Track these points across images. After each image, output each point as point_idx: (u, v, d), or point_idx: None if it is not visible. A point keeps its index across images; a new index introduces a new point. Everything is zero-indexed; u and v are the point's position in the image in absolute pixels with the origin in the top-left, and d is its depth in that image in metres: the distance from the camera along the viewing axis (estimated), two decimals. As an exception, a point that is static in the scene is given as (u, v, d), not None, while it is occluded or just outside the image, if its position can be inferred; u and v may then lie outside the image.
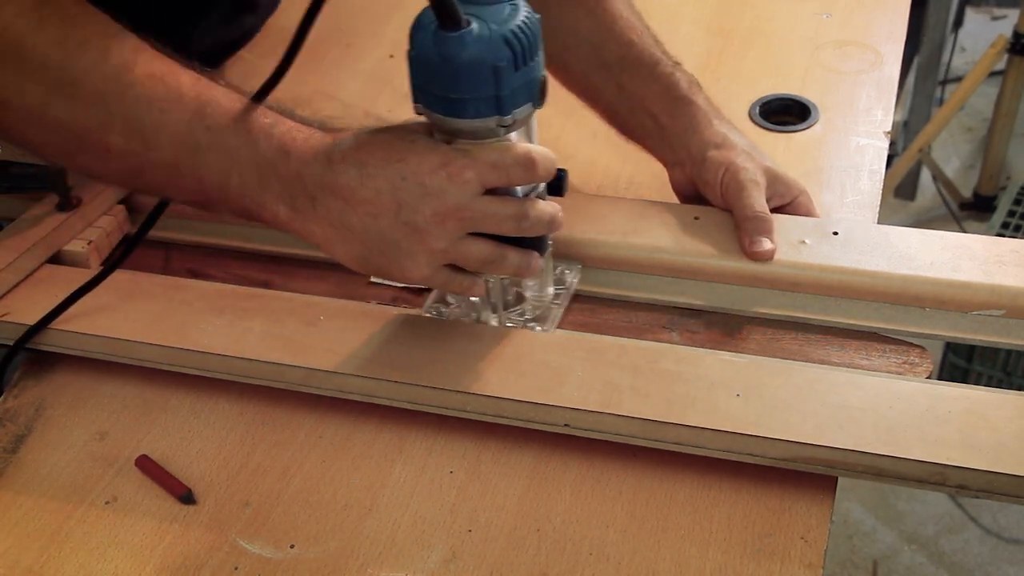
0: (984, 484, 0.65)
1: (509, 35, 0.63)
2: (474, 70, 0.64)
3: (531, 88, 0.67)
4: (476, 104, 0.65)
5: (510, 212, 0.68)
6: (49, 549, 0.69)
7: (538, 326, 0.78)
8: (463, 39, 0.63)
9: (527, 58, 0.65)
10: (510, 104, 0.66)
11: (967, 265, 0.77)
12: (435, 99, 0.66)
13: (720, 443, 0.68)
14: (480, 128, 0.67)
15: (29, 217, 0.88)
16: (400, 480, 0.72)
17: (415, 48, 0.65)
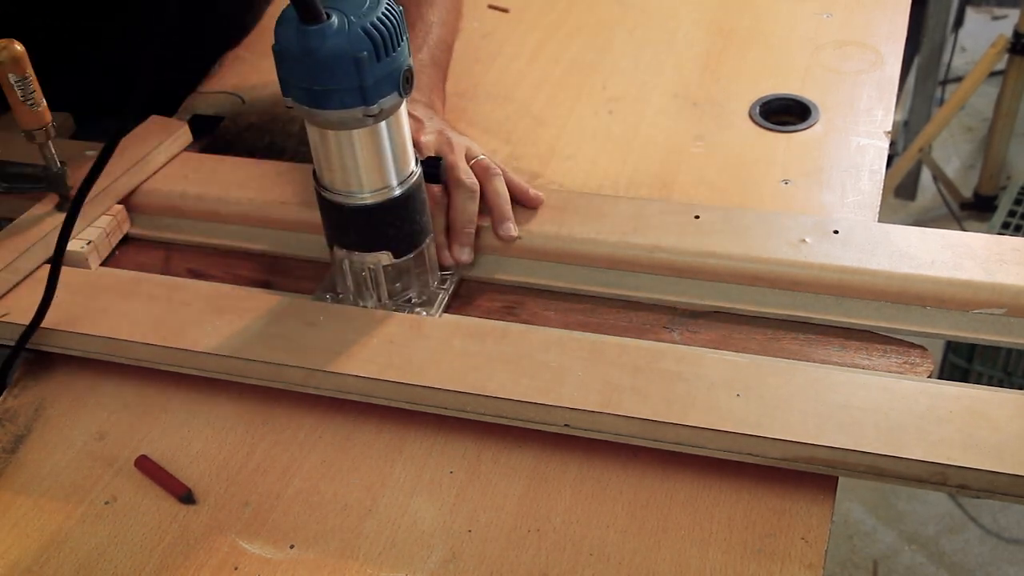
0: (985, 484, 0.64)
1: (369, 26, 0.65)
2: (336, 62, 0.65)
3: (395, 78, 0.68)
4: (340, 95, 0.67)
5: None
6: (49, 549, 0.69)
7: (423, 311, 0.79)
8: (323, 32, 0.64)
9: (389, 49, 0.66)
10: (375, 94, 0.67)
11: (968, 264, 0.77)
12: (301, 92, 0.68)
13: (720, 443, 0.68)
14: (347, 118, 0.68)
15: (29, 217, 0.88)
16: (400, 480, 0.72)
17: (279, 42, 0.67)
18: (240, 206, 0.90)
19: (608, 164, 0.97)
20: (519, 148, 1.01)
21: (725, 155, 0.97)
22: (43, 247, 0.86)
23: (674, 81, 1.09)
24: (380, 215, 0.75)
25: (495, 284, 0.84)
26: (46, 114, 0.83)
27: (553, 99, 1.07)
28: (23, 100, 0.81)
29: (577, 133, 1.01)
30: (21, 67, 0.80)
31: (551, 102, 1.07)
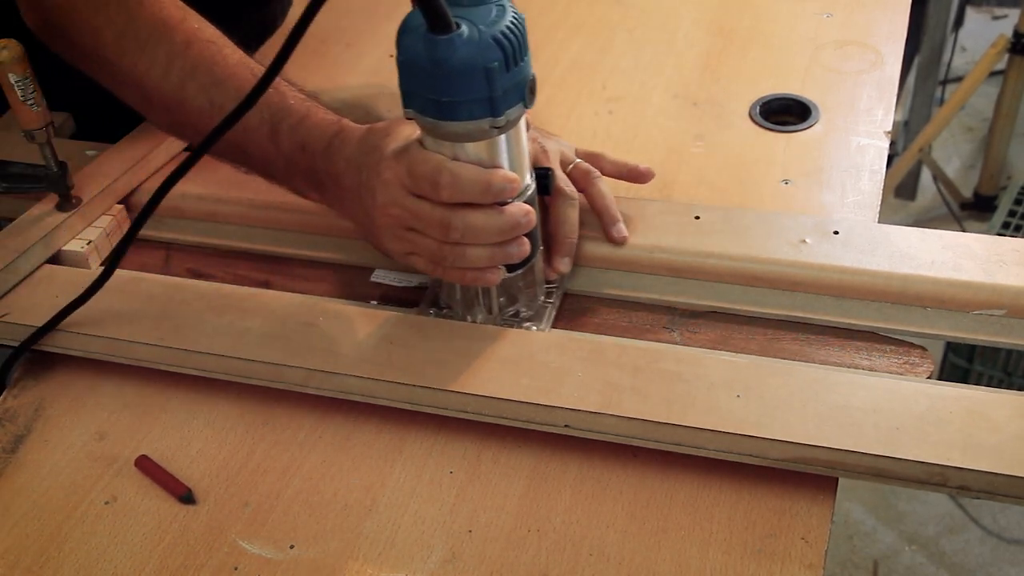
0: (985, 485, 0.64)
1: (499, 36, 0.63)
2: (466, 73, 0.63)
3: (521, 88, 0.67)
4: (469, 107, 0.65)
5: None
6: (49, 549, 0.69)
7: (533, 326, 0.78)
8: (453, 42, 0.63)
9: (517, 58, 0.65)
10: (503, 105, 0.66)
11: (968, 264, 0.77)
12: (427, 103, 0.66)
13: (720, 444, 0.68)
14: (473, 130, 0.67)
15: (29, 217, 0.88)
16: (400, 480, 0.72)
17: (404, 53, 0.65)
18: (240, 206, 0.90)
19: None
20: (519, 148, 1.00)
21: (725, 155, 0.97)
22: (43, 247, 0.86)
23: (674, 81, 1.09)
24: None
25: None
26: (46, 114, 0.83)
27: (553, 99, 1.07)
28: (23, 100, 0.81)
29: (577, 133, 1.01)
30: (21, 67, 0.80)
31: (551, 102, 1.07)
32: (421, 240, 0.72)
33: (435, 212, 0.70)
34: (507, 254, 0.72)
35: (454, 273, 0.73)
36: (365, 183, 0.73)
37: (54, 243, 0.87)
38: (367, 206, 0.73)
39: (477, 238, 0.70)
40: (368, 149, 0.73)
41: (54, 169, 0.87)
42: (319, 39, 1.17)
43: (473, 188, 0.68)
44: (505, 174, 0.69)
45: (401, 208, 0.71)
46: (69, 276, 0.85)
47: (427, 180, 0.69)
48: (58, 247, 0.87)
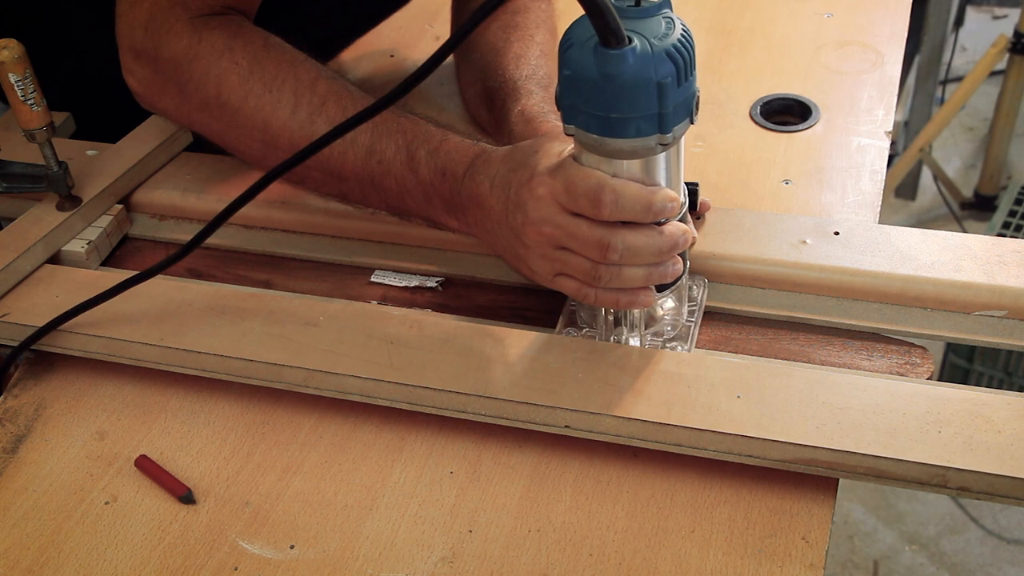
0: (985, 486, 0.64)
1: (672, 50, 0.61)
2: (639, 88, 0.61)
3: (689, 104, 0.64)
4: (638, 123, 0.62)
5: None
6: (49, 549, 0.69)
7: (678, 345, 0.76)
8: (626, 56, 0.60)
9: (688, 73, 0.62)
10: (672, 121, 0.63)
11: (968, 265, 0.77)
12: (592, 119, 0.63)
13: (720, 445, 0.68)
14: (639, 147, 0.64)
15: (29, 217, 0.88)
16: (400, 480, 0.72)
17: (571, 67, 0.62)
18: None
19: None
20: (519, 148, 1.00)
21: (725, 155, 0.97)
22: (43, 247, 0.86)
23: (675, 81, 1.08)
24: None
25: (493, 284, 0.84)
26: (46, 114, 0.83)
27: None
28: (23, 100, 0.81)
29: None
30: (21, 67, 0.80)
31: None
32: (574, 260, 0.69)
33: (594, 231, 0.67)
34: (663, 274, 0.69)
35: (607, 295, 0.70)
36: (514, 200, 0.70)
37: (54, 243, 0.87)
38: (515, 225, 0.70)
39: (636, 259, 0.67)
40: (515, 166, 0.71)
41: (54, 169, 0.87)
42: (319, 39, 1.17)
43: (635, 207, 0.66)
44: (667, 193, 0.67)
45: (555, 226, 0.68)
46: (69, 276, 0.85)
47: (587, 198, 0.66)
48: (58, 247, 0.87)
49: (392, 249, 0.86)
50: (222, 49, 0.80)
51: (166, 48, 0.80)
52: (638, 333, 0.75)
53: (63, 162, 0.87)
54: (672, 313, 0.77)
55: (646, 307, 0.72)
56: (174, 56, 0.80)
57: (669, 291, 0.72)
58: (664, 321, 0.76)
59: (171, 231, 0.91)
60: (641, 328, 0.75)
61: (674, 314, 0.77)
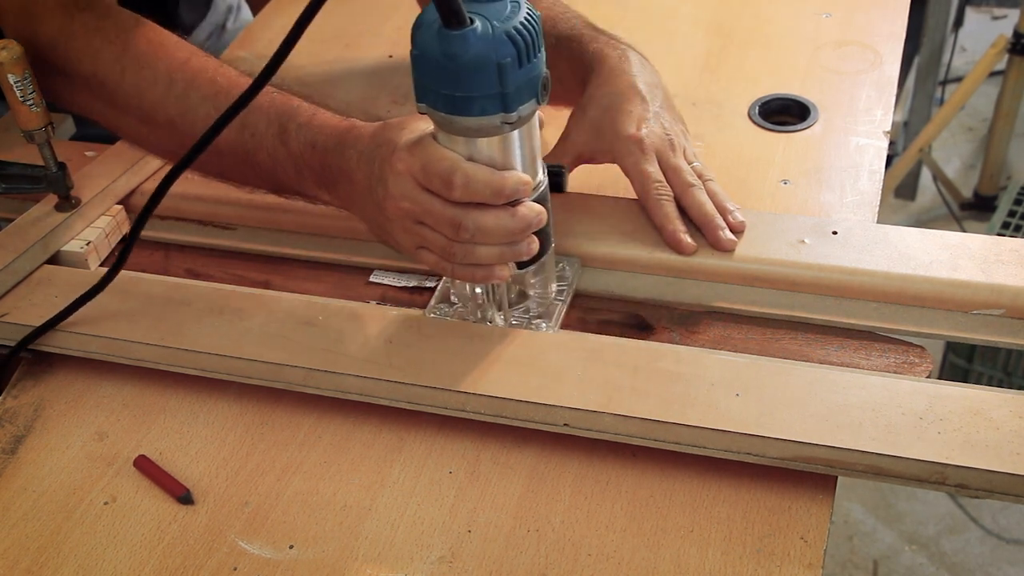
0: (984, 483, 0.64)
1: (513, 32, 0.63)
2: (479, 68, 0.63)
3: (534, 85, 0.67)
4: (481, 102, 0.65)
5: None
6: (48, 549, 0.69)
7: (543, 323, 0.78)
8: (467, 37, 0.63)
9: (531, 55, 0.65)
10: (515, 101, 0.65)
11: (967, 264, 0.77)
12: (439, 98, 0.66)
13: (720, 443, 0.68)
14: (485, 126, 0.67)
15: (28, 218, 0.88)
16: (399, 480, 0.72)
17: (418, 47, 0.65)
18: (239, 207, 0.90)
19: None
20: (518, 148, 1.00)
21: (724, 155, 0.97)
22: (42, 248, 0.86)
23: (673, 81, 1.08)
24: None
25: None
26: (45, 115, 0.83)
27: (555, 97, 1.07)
28: (23, 100, 0.81)
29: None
30: (20, 68, 0.80)
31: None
32: (431, 235, 0.72)
33: (446, 210, 0.69)
34: (517, 252, 0.72)
35: (463, 271, 0.72)
36: (377, 175, 0.73)
37: (53, 244, 0.87)
38: (378, 198, 0.73)
39: (487, 238, 0.70)
40: (381, 142, 0.73)
41: (53, 170, 0.87)
42: (319, 40, 1.17)
43: (485, 190, 0.68)
44: (519, 177, 0.69)
45: (412, 202, 0.71)
46: (68, 276, 0.85)
47: (440, 178, 0.68)
48: (57, 248, 0.87)
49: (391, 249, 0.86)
50: (94, 28, 0.82)
51: (41, 32, 0.83)
52: (504, 311, 0.78)
53: (62, 163, 0.87)
54: (539, 291, 0.79)
55: (502, 281, 0.74)
56: (50, 38, 0.83)
57: (530, 268, 0.75)
58: (531, 299, 0.79)
59: (171, 231, 0.92)
60: (506, 305, 0.78)
61: (541, 292, 0.79)
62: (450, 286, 0.81)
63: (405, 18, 1.21)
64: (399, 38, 1.18)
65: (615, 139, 0.83)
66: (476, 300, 0.78)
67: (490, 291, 0.77)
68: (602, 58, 0.88)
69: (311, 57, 1.14)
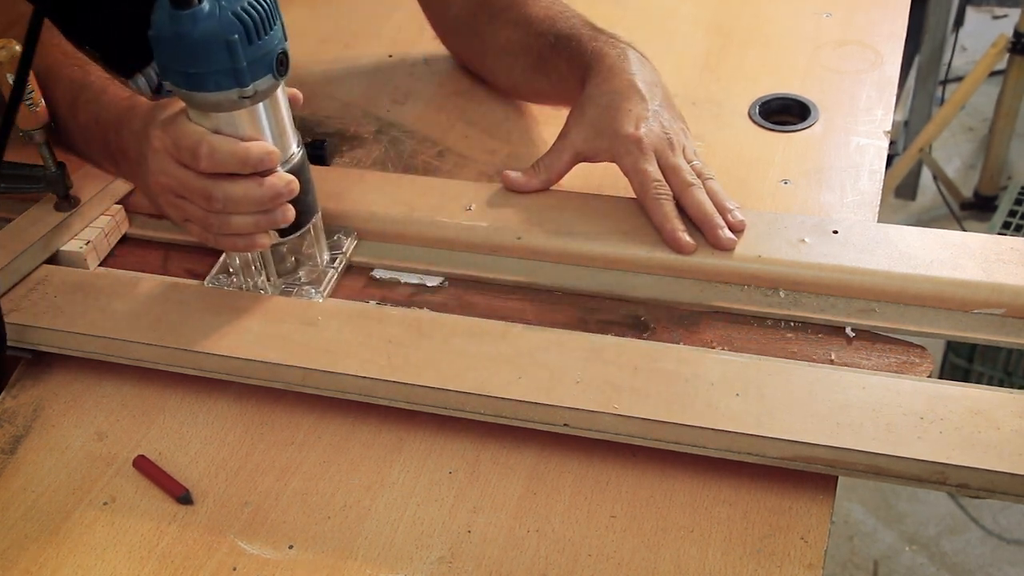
0: (985, 483, 0.64)
1: (240, 11, 0.67)
2: (208, 45, 0.68)
3: (269, 60, 0.70)
4: (215, 77, 0.69)
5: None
6: (47, 550, 0.69)
7: (312, 289, 0.81)
8: (195, 16, 0.67)
9: (261, 32, 0.69)
10: (248, 76, 0.69)
11: (967, 263, 0.77)
12: (177, 75, 0.70)
13: (720, 443, 0.68)
14: (223, 100, 0.70)
15: (27, 217, 0.88)
16: (399, 480, 0.72)
17: (153, 28, 0.69)
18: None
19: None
20: (519, 148, 1.00)
21: (724, 155, 0.97)
22: (41, 247, 0.86)
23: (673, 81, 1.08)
24: None
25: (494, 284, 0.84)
26: (44, 114, 0.83)
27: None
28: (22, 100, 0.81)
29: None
30: (20, 67, 0.80)
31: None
32: (190, 208, 0.76)
33: (197, 182, 0.73)
34: (272, 220, 0.75)
35: (224, 240, 0.77)
36: (142, 152, 0.77)
37: (53, 243, 0.87)
38: (144, 173, 0.77)
39: (239, 207, 0.74)
40: (148, 120, 0.77)
41: (52, 169, 0.87)
42: (319, 39, 1.17)
43: (231, 160, 0.72)
44: (263, 146, 0.73)
45: (169, 177, 0.75)
46: (68, 276, 0.85)
47: (188, 151, 0.73)
48: (57, 247, 0.87)
49: (392, 248, 0.86)
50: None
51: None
52: (272, 278, 0.82)
53: (61, 162, 0.87)
54: (308, 259, 0.83)
55: (261, 249, 0.78)
56: None
57: (292, 237, 0.79)
58: (299, 266, 0.83)
59: (170, 231, 0.91)
60: (273, 273, 0.81)
61: (313, 261, 0.83)
62: (228, 257, 0.84)
63: (405, 18, 1.21)
64: (399, 38, 1.18)
65: (614, 138, 0.83)
66: (248, 269, 0.81)
67: (257, 259, 0.80)
68: (601, 57, 0.88)
69: (311, 56, 1.14)
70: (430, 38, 1.14)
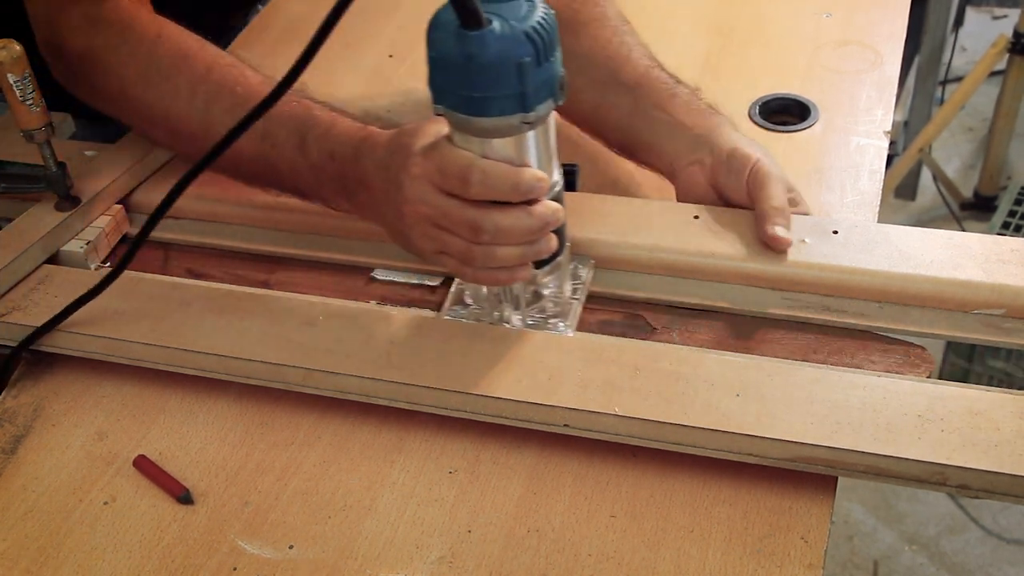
0: (985, 484, 0.64)
1: (531, 31, 0.63)
2: (498, 68, 0.63)
3: (552, 84, 0.66)
4: (500, 102, 0.65)
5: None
6: (47, 549, 0.69)
7: (560, 323, 0.77)
8: (485, 37, 0.62)
9: (548, 54, 0.65)
10: (533, 100, 0.65)
11: (967, 264, 0.77)
12: (458, 99, 0.66)
13: (720, 443, 0.68)
14: (503, 126, 0.66)
15: (28, 217, 0.88)
16: (399, 480, 0.72)
17: (435, 49, 0.65)
18: (239, 206, 0.90)
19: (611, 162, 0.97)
20: (519, 148, 1.00)
21: (725, 155, 0.97)
22: (42, 247, 0.86)
23: (674, 81, 1.08)
24: None
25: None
26: (45, 114, 0.83)
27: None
28: (22, 100, 0.81)
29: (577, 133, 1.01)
30: (20, 67, 0.80)
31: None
32: (450, 239, 0.71)
33: (465, 212, 0.69)
34: (537, 251, 0.71)
35: (483, 274, 0.72)
36: (394, 180, 0.72)
37: (53, 243, 0.87)
38: (396, 203, 0.73)
39: (507, 238, 0.70)
40: (396, 148, 0.73)
41: (53, 169, 0.87)
42: (318, 39, 1.17)
43: (503, 186, 0.68)
44: (535, 173, 0.68)
45: (430, 206, 0.70)
46: (68, 276, 0.85)
47: (457, 177, 0.68)
48: (57, 247, 0.87)
49: (392, 248, 0.86)
50: (117, 42, 0.83)
51: (68, 46, 0.85)
52: (520, 310, 0.77)
53: (62, 162, 0.87)
54: (554, 291, 0.79)
55: (521, 282, 0.74)
56: (76, 52, 0.84)
57: (548, 268, 0.74)
58: (546, 299, 0.79)
59: (170, 230, 0.91)
60: (523, 305, 0.77)
61: (556, 292, 0.79)
62: (464, 288, 0.81)
63: (405, 18, 1.21)
64: (399, 38, 1.18)
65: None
66: (492, 301, 0.78)
67: (506, 291, 0.77)
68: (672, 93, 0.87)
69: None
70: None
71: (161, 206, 0.73)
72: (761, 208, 0.80)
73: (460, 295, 0.81)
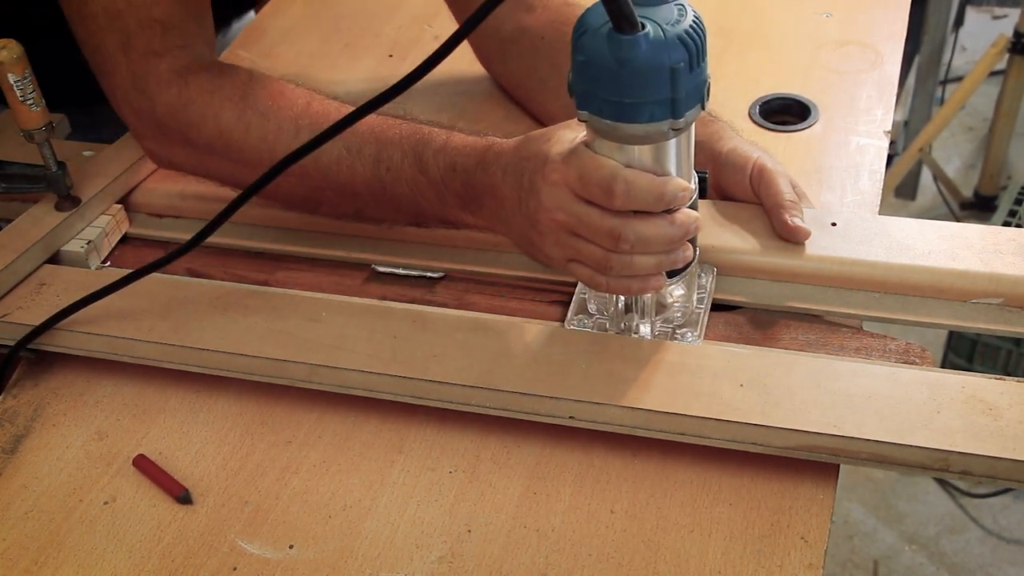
0: (987, 469, 0.65)
1: (684, 35, 0.62)
2: (652, 73, 0.62)
3: (701, 89, 0.65)
4: (651, 108, 0.63)
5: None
6: (47, 549, 0.69)
7: (688, 332, 0.76)
8: (639, 42, 0.61)
9: (700, 59, 0.63)
10: (684, 107, 0.64)
11: (965, 254, 0.77)
12: (606, 105, 0.64)
13: (724, 433, 0.68)
14: (652, 132, 0.64)
15: (28, 217, 0.88)
16: (399, 480, 0.72)
17: (585, 53, 0.63)
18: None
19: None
20: (518, 148, 1.00)
21: (725, 154, 0.97)
22: (42, 248, 0.86)
23: (673, 80, 1.08)
24: None
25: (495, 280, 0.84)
26: (45, 114, 0.83)
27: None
28: (22, 100, 0.81)
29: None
30: (20, 67, 0.80)
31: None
32: (586, 248, 0.70)
33: (605, 221, 0.67)
34: (674, 261, 0.70)
35: (618, 283, 0.70)
36: (527, 187, 0.70)
37: (53, 243, 0.87)
38: (529, 211, 0.71)
39: (647, 248, 0.68)
40: (528, 154, 0.71)
41: (53, 169, 0.87)
42: (319, 39, 1.17)
43: (647, 197, 0.66)
44: (679, 182, 0.67)
45: (567, 214, 0.69)
46: (69, 276, 0.85)
47: (600, 187, 0.66)
48: (57, 247, 0.87)
49: (393, 245, 0.87)
50: (211, 88, 0.81)
51: (159, 100, 0.82)
52: (648, 320, 0.76)
53: (62, 162, 0.87)
54: (682, 300, 0.77)
55: (656, 291, 0.72)
56: (169, 105, 0.82)
57: (679, 277, 0.72)
58: (674, 308, 0.77)
59: (170, 230, 0.91)
60: (652, 315, 0.76)
61: (684, 301, 0.77)
62: (586, 296, 0.79)
63: (406, 18, 1.21)
64: (399, 38, 1.18)
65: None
66: (617, 311, 0.76)
67: (634, 300, 0.75)
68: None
69: (311, 57, 1.14)
70: (431, 38, 1.14)
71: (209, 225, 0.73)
72: (775, 202, 0.80)
73: (583, 304, 0.78)
